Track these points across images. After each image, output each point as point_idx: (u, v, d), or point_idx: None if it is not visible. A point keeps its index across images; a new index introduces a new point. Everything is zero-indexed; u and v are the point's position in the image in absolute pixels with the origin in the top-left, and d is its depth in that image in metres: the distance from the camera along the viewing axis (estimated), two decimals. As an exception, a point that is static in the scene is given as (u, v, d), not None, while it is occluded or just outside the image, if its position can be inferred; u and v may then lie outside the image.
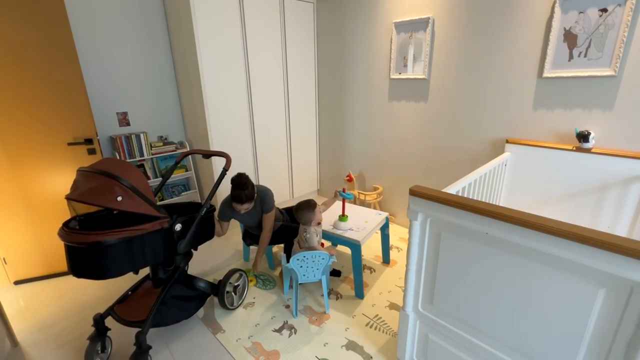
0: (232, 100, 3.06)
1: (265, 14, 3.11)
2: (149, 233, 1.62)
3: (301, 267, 2.02)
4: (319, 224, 2.22)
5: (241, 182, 2.11)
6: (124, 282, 2.40)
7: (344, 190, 2.33)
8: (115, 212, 1.76)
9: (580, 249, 0.99)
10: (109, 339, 1.83)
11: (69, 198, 1.46)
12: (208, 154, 2.12)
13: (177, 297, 1.90)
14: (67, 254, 1.50)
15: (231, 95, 3.04)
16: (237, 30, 2.94)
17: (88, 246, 1.45)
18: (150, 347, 1.69)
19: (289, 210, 2.63)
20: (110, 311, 1.79)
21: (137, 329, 1.69)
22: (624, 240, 0.92)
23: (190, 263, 2.72)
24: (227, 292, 2.13)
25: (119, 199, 1.47)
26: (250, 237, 2.49)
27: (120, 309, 1.81)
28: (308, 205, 2.13)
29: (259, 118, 3.30)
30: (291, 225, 2.41)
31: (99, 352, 1.77)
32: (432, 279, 1.46)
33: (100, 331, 1.75)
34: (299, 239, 2.19)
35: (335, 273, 2.54)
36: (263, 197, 2.28)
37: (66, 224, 1.54)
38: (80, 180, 1.51)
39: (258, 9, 3.04)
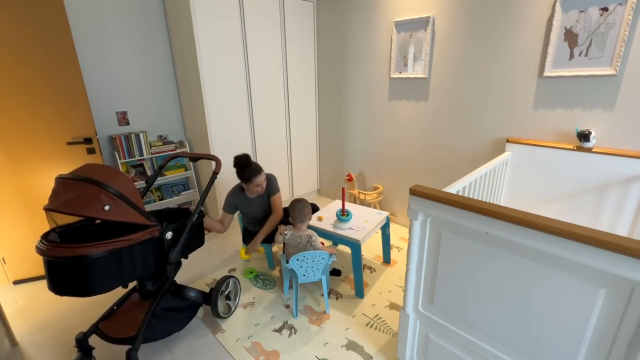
0: (231, 99, 3.05)
1: (265, 13, 3.10)
2: (138, 243, 1.52)
3: (301, 267, 2.02)
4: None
5: (247, 161, 2.22)
6: (117, 290, 2.39)
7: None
8: (97, 221, 1.65)
9: (580, 249, 0.98)
10: (94, 359, 1.72)
11: (48, 209, 1.34)
12: (196, 157, 2.05)
13: (167, 309, 1.80)
14: (47, 270, 1.37)
15: (231, 95, 3.04)
16: (237, 29, 2.94)
17: (72, 261, 1.33)
18: None
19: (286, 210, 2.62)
20: (95, 329, 1.68)
21: (124, 346, 1.60)
22: (624, 239, 0.92)
23: (190, 263, 2.73)
24: (220, 301, 2.04)
25: (107, 207, 1.37)
26: (251, 236, 2.48)
27: (106, 325, 1.69)
28: (308, 202, 2.16)
29: (258, 117, 3.30)
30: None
31: None
32: (432, 279, 1.46)
33: (84, 351, 1.65)
34: (291, 246, 2.14)
35: (335, 272, 2.53)
36: (268, 180, 2.39)
37: (45, 237, 1.41)
38: (61, 189, 1.38)
39: (258, 8, 3.03)
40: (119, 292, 1.90)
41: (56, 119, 2.33)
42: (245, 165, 2.20)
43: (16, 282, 2.50)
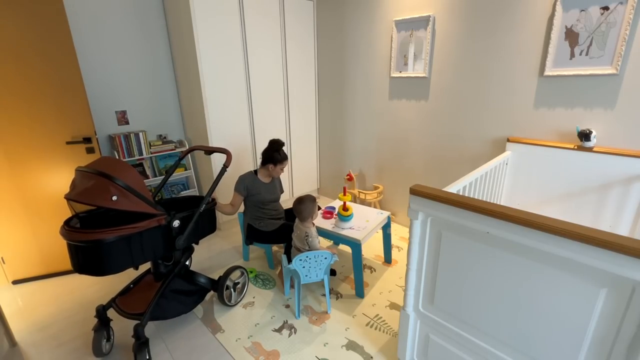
0: (231, 99, 3.04)
1: (265, 12, 3.10)
2: (147, 230, 1.65)
3: (304, 267, 2.01)
4: (314, 224, 2.22)
5: (282, 143, 2.42)
6: (122, 281, 2.39)
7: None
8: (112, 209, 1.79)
9: (581, 249, 0.98)
10: (112, 329, 1.87)
11: (67, 198, 1.49)
12: (210, 150, 2.16)
13: (176, 292, 1.92)
14: (70, 252, 1.54)
15: (230, 94, 3.03)
16: (237, 28, 2.93)
17: (89, 244, 1.49)
18: (147, 339, 1.71)
19: (287, 211, 2.62)
20: (112, 303, 1.83)
21: (137, 322, 1.72)
22: (625, 239, 0.91)
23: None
24: (227, 287, 2.15)
25: (114, 198, 1.49)
26: (254, 234, 2.48)
27: (122, 301, 1.85)
28: (311, 199, 2.15)
29: (258, 117, 3.29)
30: (292, 225, 2.41)
31: (105, 340, 1.81)
32: (432, 279, 1.45)
33: (103, 322, 1.80)
34: (298, 242, 2.17)
35: (331, 272, 2.53)
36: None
37: (67, 223, 1.56)
38: (78, 180, 1.53)
39: (258, 8, 3.02)
40: (134, 273, 2.08)
41: (55, 119, 2.32)
42: (279, 149, 2.39)
43: (15, 282, 2.49)
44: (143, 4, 2.90)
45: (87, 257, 1.52)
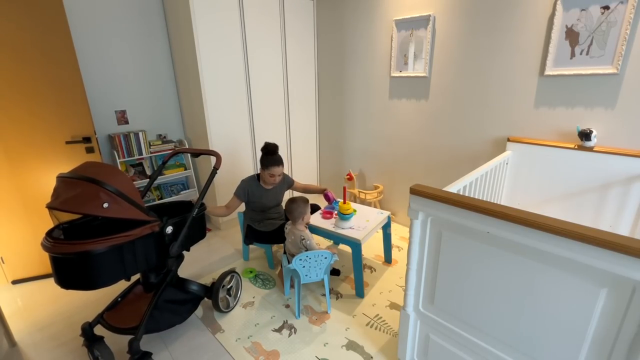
0: (231, 98, 3.04)
1: (265, 11, 3.09)
2: (139, 238, 1.56)
3: (304, 267, 2.01)
4: (306, 226, 2.22)
5: (275, 149, 2.32)
6: (121, 282, 2.38)
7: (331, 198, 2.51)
8: (100, 217, 1.69)
9: (582, 248, 0.98)
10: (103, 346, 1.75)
11: (50, 207, 1.38)
12: (197, 153, 2.07)
13: (169, 301, 1.84)
14: (53, 266, 1.42)
15: (230, 94, 3.03)
16: (237, 27, 2.92)
17: (76, 256, 1.39)
18: (146, 353, 1.63)
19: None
20: (100, 319, 1.73)
21: (129, 336, 1.62)
22: (626, 239, 0.91)
23: (190, 262, 2.72)
24: (221, 296, 2.09)
25: (105, 205, 1.40)
26: (254, 234, 2.48)
27: (110, 316, 1.74)
28: (304, 200, 2.16)
29: (258, 116, 3.29)
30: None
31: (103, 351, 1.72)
32: (433, 279, 1.45)
33: (90, 340, 1.69)
34: (292, 249, 2.16)
35: (334, 272, 2.53)
36: (285, 175, 2.55)
37: (49, 234, 1.46)
38: (61, 187, 1.43)
39: (258, 7, 3.02)
40: (122, 285, 1.91)
41: (55, 118, 2.32)
42: (271, 152, 2.31)
43: (15, 282, 2.49)
44: (143, 3, 2.90)
45: (74, 271, 1.41)
